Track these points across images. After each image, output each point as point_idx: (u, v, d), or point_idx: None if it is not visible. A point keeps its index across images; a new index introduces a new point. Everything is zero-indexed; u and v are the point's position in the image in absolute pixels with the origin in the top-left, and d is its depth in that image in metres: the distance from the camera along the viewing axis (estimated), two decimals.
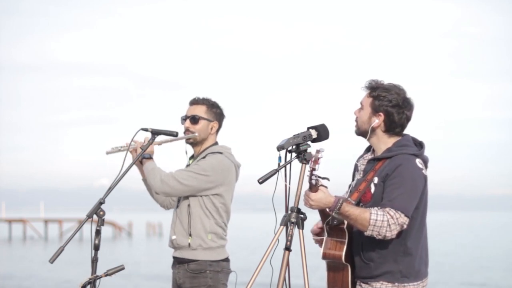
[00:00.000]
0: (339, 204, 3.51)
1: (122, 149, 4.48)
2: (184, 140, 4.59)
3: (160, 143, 4.51)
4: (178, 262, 4.56)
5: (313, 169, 3.45)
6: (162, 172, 4.46)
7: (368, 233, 3.52)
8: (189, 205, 4.51)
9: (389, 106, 3.68)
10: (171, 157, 4.65)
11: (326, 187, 3.57)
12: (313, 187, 3.49)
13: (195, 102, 4.61)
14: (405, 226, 3.54)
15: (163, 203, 4.79)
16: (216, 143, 4.64)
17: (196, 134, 4.55)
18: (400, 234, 3.59)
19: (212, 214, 4.51)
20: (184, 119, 4.61)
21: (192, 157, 4.71)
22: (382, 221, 3.48)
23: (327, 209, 3.56)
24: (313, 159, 3.44)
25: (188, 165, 4.68)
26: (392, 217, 3.49)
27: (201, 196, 4.49)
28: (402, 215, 3.51)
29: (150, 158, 4.52)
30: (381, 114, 3.69)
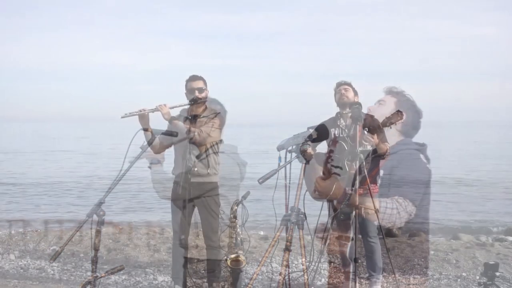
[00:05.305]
0: (349, 195, 3.51)
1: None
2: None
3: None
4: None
5: (331, 151, 3.43)
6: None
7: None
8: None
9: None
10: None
11: (339, 175, 3.57)
12: (327, 174, 3.48)
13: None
14: (412, 216, 3.56)
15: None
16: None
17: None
18: None
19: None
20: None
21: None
22: (392, 209, 3.51)
23: (335, 201, 3.57)
24: (331, 142, 3.42)
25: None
26: (401, 205, 3.52)
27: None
28: (410, 203, 3.55)
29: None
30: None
